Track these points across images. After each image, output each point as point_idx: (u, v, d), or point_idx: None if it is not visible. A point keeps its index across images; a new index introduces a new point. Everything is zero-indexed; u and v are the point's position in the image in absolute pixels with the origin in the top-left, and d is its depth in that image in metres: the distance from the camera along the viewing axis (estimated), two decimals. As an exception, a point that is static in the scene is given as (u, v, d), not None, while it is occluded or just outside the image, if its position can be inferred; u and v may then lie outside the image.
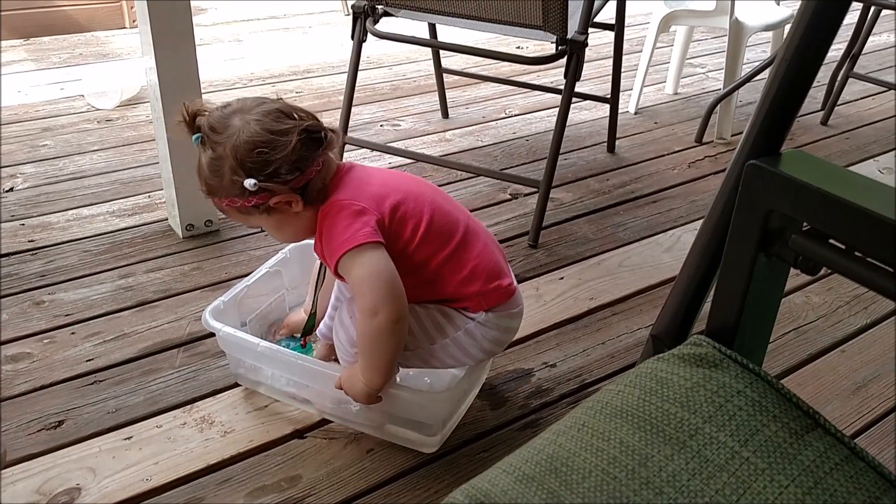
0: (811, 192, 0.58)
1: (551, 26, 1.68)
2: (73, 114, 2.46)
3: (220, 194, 1.12)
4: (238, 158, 1.07)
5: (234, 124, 1.08)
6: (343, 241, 1.08)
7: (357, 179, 1.15)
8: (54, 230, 1.81)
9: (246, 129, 1.07)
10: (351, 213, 1.10)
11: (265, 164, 1.07)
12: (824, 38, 0.64)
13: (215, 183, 1.11)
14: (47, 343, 1.44)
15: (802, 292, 1.69)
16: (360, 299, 1.09)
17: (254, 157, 1.07)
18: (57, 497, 1.13)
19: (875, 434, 1.31)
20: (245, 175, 1.07)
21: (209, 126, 1.10)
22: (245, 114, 1.09)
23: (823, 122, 2.62)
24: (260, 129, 1.07)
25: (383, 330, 1.08)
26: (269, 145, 1.07)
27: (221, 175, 1.09)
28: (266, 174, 1.07)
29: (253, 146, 1.07)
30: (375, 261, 1.08)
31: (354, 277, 1.09)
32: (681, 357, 0.65)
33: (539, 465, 0.60)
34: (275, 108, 1.10)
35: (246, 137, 1.07)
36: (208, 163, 1.11)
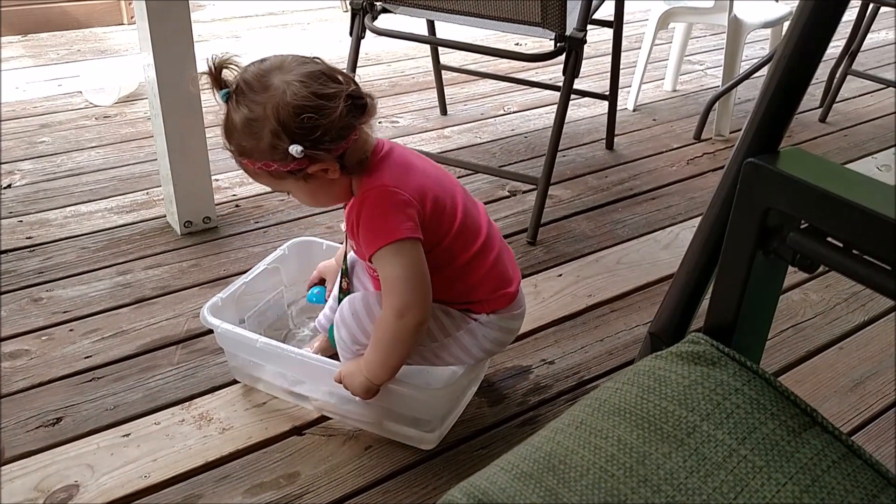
0: (809, 189, 0.58)
1: (550, 23, 1.68)
2: (71, 110, 2.46)
3: (255, 157, 1.05)
4: (282, 122, 1.01)
5: (276, 84, 1.02)
6: (385, 231, 1.05)
7: (400, 165, 1.11)
8: (52, 227, 1.81)
9: (290, 91, 1.01)
10: (396, 203, 1.06)
11: (311, 131, 1.01)
12: (823, 35, 0.64)
13: (250, 145, 1.05)
14: (45, 340, 1.44)
15: (800, 289, 1.70)
16: (392, 297, 1.08)
17: (300, 122, 1.01)
18: (55, 494, 1.13)
19: (873, 431, 1.32)
20: (288, 140, 1.01)
21: (245, 82, 1.04)
22: (286, 73, 1.03)
23: (822, 120, 2.63)
24: (307, 92, 1.01)
25: (406, 332, 1.08)
26: (317, 111, 1.01)
27: (259, 137, 1.03)
28: (311, 140, 1.02)
29: (300, 110, 1.00)
30: (414, 262, 1.07)
31: (390, 274, 1.07)
32: (679, 355, 0.65)
33: (537, 462, 0.60)
34: (318, 69, 1.04)
35: (291, 100, 1.00)
36: (243, 122, 1.04)
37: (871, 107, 2.76)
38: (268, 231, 1.83)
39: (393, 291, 1.08)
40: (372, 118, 1.10)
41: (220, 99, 1.06)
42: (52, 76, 2.74)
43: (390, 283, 1.08)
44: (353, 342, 1.19)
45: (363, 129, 1.09)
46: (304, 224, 1.86)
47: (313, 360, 1.21)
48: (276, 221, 1.87)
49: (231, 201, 1.95)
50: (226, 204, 1.93)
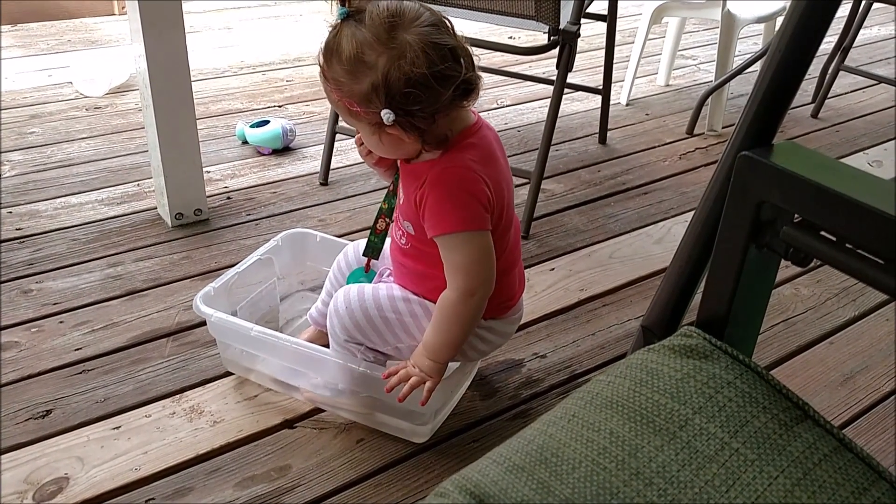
0: (803, 183, 0.58)
1: (544, 16, 1.67)
2: (62, 101, 2.44)
3: (343, 90, 1.01)
4: (388, 83, 0.97)
5: (401, 39, 0.97)
6: (461, 218, 1.04)
7: (487, 153, 1.09)
8: (42, 218, 1.79)
9: (410, 56, 0.96)
10: (476, 191, 1.04)
11: (410, 104, 0.98)
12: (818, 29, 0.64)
13: (346, 80, 1.00)
14: (35, 332, 1.43)
15: (791, 284, 1.70)
16: (462, 279, 1.07)
17: (403, 93, 0.97)
18: (45, 486, 1.12)
19: (862, 425, 1.32)
20: (384, 103, 0.98)
21: (371, 17, 0.98)
22: (416, 30, 0.97)
23: (814, 115, 2.63)
24: (426, 67, 0.96)
25: (474, 309, 1.09)
26: (425, 90, 0.97)
27: (359, 80, 0.99)
28: (405, 111, 0.99)
29: (410, 83, 0.96)
30: (487, 245, 1.06)
31: (462, 256, 1.06)
32: (671, 348, 0.65)
33: (529, 455, 0.60)
34: (448, 44, 0.99)
35: (408, 69, 0.96)
36: (350, 58, 0.98)
37: (864, 103, 2.77)
38: (259, 223, 1.82)
39: (465, 272, 1.07)
40: (473, 101, 1.07)
41: (338, 14, 1.01)
42: (42, 66, 2.72)
43: (459, 266, 1.07)
44: (344, 332, 1.18)
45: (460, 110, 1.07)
46: (296, 216, 1.85)
47: (308, 349, 1.21)
48: (267, 214, 1.86)
49: (223, 193, 1.94)
50: (217, 196, 1.92)
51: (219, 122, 2.35)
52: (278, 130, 2.15)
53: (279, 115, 2.40)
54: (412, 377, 1.13)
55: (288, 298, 1.53)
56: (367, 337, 1.18)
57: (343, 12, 1.00)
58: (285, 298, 1.52)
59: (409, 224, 1.13)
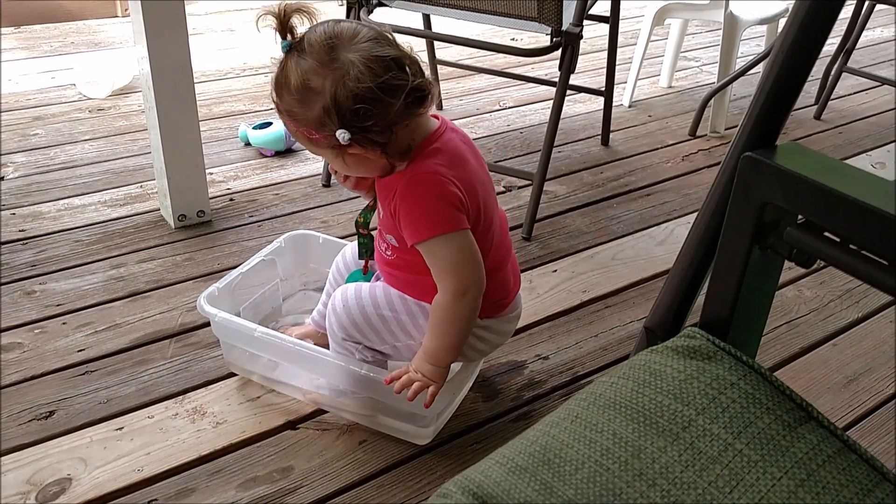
0: (806, 184, 0.58)
1: (546, 18, 1.67)
2: (65, 103, 2.44)
3: (298, 121, 1.03)
4: (337, 103, 0.98)
5: (342, 59, 0.98)
6: (435, 221, 1.04)
7: (455, 155, 1.08)
8: (45, 220, 1.80)
9: (353, 74, 0.97)
10: (446, 194, 1.04)
11: (363, 120, 0.99)
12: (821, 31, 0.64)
13: (299, 109, 1.02)
14: (38, 333, 1.43)
15: (794, 286, 1.70)
16: (451, 279, 1.06)
17: (353, 110, 0.98)
18: (48, 487, 1.13)
19: (866, 427, 1.32)
20: (338, 123, 0.99)
21: (310, 44, 1.00)
22: (356, 48, 0.99)
23: (817, 117, 2.63)
24: (371, 81, 0.97)
25: (468, 308, 1.08)
26: (374, 104, 0.98)
27: (310, 107, 1.00)
28: (359, 128, 0.99)
29: (357, 100, 0.97)
30: (469, 243, 1.06)
31: (445, 259, 1.06)
32: (674, 349, 0.65)
33: (532, 456, 0.60)
34: (389, 55, 1.00)
35: (353, 86, 0.97)
36: (298, 86, 1.00)
37: (867, 104, 2.76)
38: (262, 225, 1.82)
39: (449, 275, 1.06)
40: (430, 108, 1.07)
41: (281, 48, 1.02)
42: (45, 68, 2.73)
43: (445, 268, 1.06)
44: (342, 330, 1.19)
45: (420, 118, 1.07)
46: (298, 218, 1.86)
47: (310, 351, 1.21)
48: (270, 215, 1.86)
49: (225, 195, 1.94)
50: (220, 198, 1.93)
51: (221, 124, 2.35)
52: (281, 132, 2.15)
53: (282, 116, 2.39)
54: (415, 382, 1.12)
55: (290, 299, 1.53)
56: (364, 335, 1.18)
57: (286, 45, 1.02)
58: (288, 299, 1.52)
59: (391, 237, 1.14)
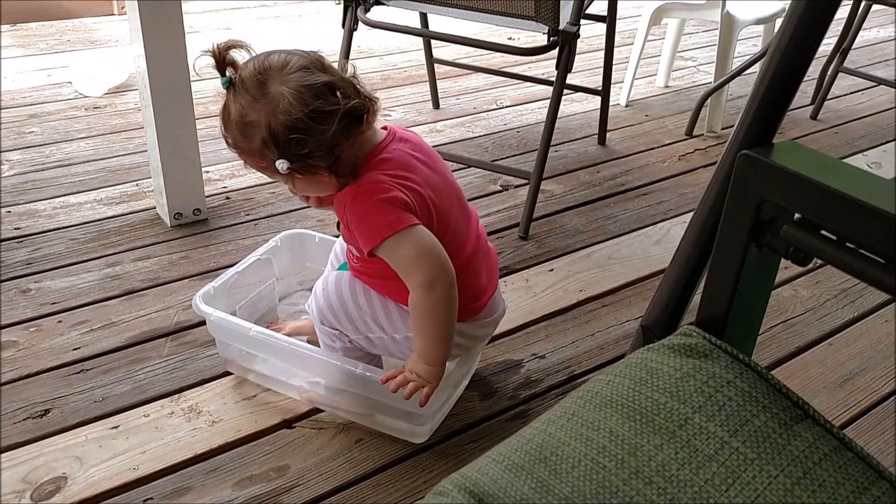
0: (803, 182, 0.58)
1: (543, 17, 1.67)
2: (61, 101, 2.44)
3: (245, 152, 1.07)
4: (272, 134, 1.01)
5: (272, 92, 1.01)
6: (381, 225, 1.04)
7: (400, 164, 1.09)
8: (41, 218, 1.79)
9: (284, 105, 1.00)
10: (388, 198, 1.05)
11: (300, 148, 1.01)
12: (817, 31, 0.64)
13: (243, 144, 1.06)
14: (33, 331, 1.43)
15: (790, 285, 1.70)
16: (415, 275, 1.06)
17: (288, 140, 1.01)
18: (43, 486, 1.12)
19: (861, 426, 1.32)
20: (276, 154, 1.02)
21: (242, 81, 1.04)
22: (285, 79, 1.01)
23: (813, 117, 2.63)
24: (300, 111, 1.00)
25: (442, 299, 1.07)
26: (308, 132, 1.01)
27: (251, 140, 1.04)
28: (299, 155, 1.02)
29: (291, 130, 1.00)
30: (423, 237, 1.06)
31: (403, 257, 1.06)
32: (671, 347, 0.65)
33: (528, 454, 0.60)
34: (320, 81, 1.02)
35: (283, 118, 1.00)
36: (237, 121, 1.04)
37: (863, 104, 2.77)
38: (258, 223, 1.82)
39: (414, 269, 1.06)
40: (371, 125, 1.09)
41: (221, 85, 1.06)
42: (41, 66, 2.72)
43: (408, 264, 1.06)
44: (319, 314, 1.20)
45: (364, 134, 1.08)
46: (295, 217, 1.85)
47: (305, 350, 1.21)
48: (266, 214, 1.86)
49: (221, 193, 1.94)
50: (216, 196, 1.92)
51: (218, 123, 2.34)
52: (277, 131, 2.14)
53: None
54: (410, 382, 1.12)
55: (287, 298, 1.52)
56: (339, 321, 1.19)
57: (225, 81, 1.06)
58: (284, 298, 1.51)
59: (352, 247, 1.17)
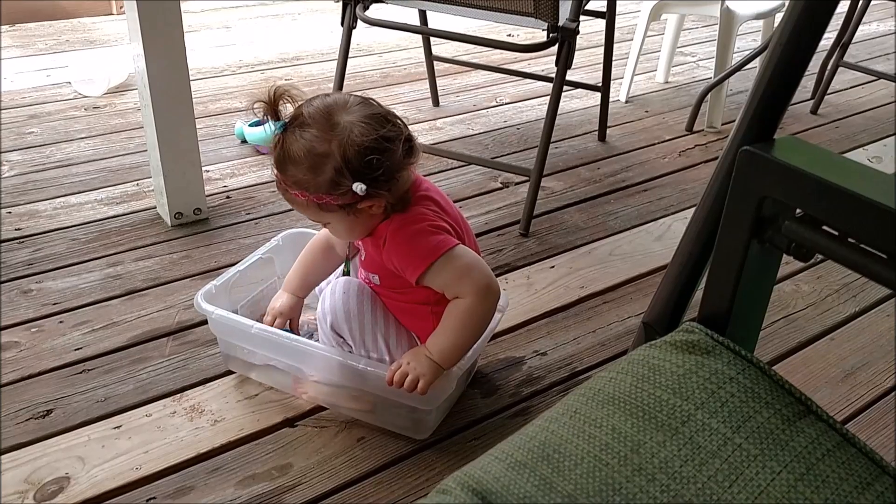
0: (805, 178, 0.58)
1: (542, 13, 1.67)
2: (60, 101, 2.44)
3: (309, 189, 1.08)
4: (347, 160, 1.05)
5: (342, 122, 1.06)
6: (430, 248, 1.10)
7: (438, 197, 1.18)
8: (41, 218, 1.79)
9: (356, 130, 1.05)
10: (435, 225, 1.12)
11: (374, 170, 1.06)
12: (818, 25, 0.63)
13: (307, 177, 1.07)
14: (35, 332, 1.43)
15: (792, 280, 1.70)
16: (469, 284, 1.11)
17: (365, 162, 1.05)
18: (46, 486, 1.12)
19: (864, 421, 1.32)
20: (351, 178, 1.05)
21: (310, 116, 1.08)
22: (350, 112, 1.07)
23: (813, 111, 2.63)
24: (371, 135, 1.05)
25: (489, 310, 1.14)
26: (381, 152, 1.06)
27: (320, 172, 1.06)
28: (371, 179, 1.06)
29: (366, 151, 1.05)
30: (471, 253, 1.14)
31: (456, 270, 1.11)
32: (673, 344, 0.65)
33: (531, 451, 0.60)
34: (379, 112, 1.10)
35: (358, 140, 1.05)
36: (306, 155, 1.06)
37: (863, 98, 2.77)
38: (259, 223, 1.82)
39: (465, 280, 1.11)
40: (418, 159, 1.15)
41: (276, 130, 1.10)
42: (40, 66, 2.72)
43: (458, 278, 1.11)
44: (332, 318, 1.19)
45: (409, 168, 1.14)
46: (295, 215, 1.85)
47: (308, 347, 1.21)
48: (267, 213, 1.86)
49: (222, 192, 1.94)
50: (217, 195, 1.92)
51: (218, 122, 2.34)
52: (277, 129, 2.14)
53: (278, 113, 2.39)
54: (408, 374, 1.13)
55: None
56: (349, 330, 1.19)
57: (281, 126, 1.10)
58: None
59: (375, 276, 1.19)
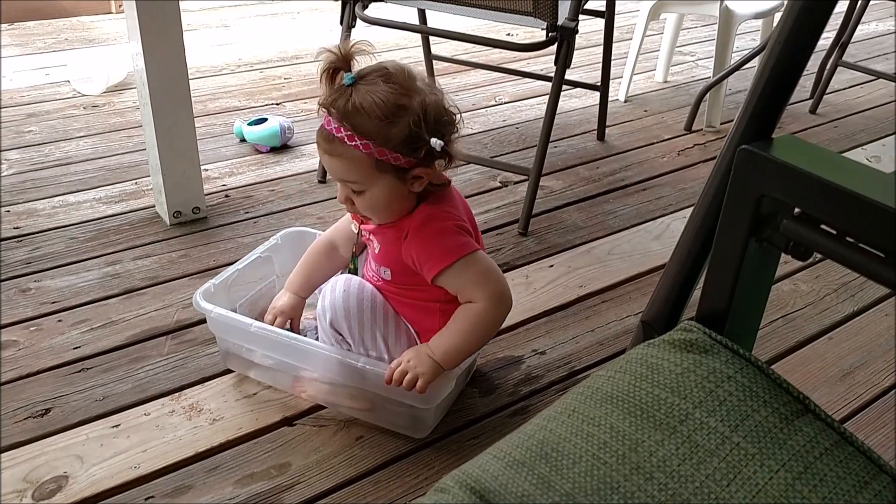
0: (803, 176, 0.58)
1: (542, 13, 1.67)
2: (59, 99, 2.44)
3: (375, 140, 1.06)
4: (426, 116, 1.07)
5: (419, 85, 1.09)
6: (458, 245, 1.12)
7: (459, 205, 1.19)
8: (40, 217, 1.79)
9: (434, 92, 1.10)
10: (460, 225, 1.14)
11: (448, 129, 1.10)
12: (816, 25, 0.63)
13: (379, 127, 1.05)
14: (34, 331, 1.43)
15: (790, 280, 1.70)
16: (485, 289, 1.13)
17: (441, 121, 1.09)
18: (44, 485, 1.12)
19: (862, 420, 1.32)
20: (428, 133, 1.07)
21: (390, 71, 1.09)
22: (422, 82, 1.11)
23: (812, 111, 2.63)
24: (443, 99, 1.11)
25: (499, 317, 1.16)
26: (451, 116, 1.11)
27: (395, 122, 1.06)
28: (444, 138, 1.09)
29: (442, 112, 1.09)
30: (490, 259, 1.16)
31: (475, 274, 1.13)
32: (671, 342, 0.65)
33: (529, 450, 0.60)
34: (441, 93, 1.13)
35: (436, 99, 1.09)
36: (385, 104, 1.05)
37: (862, 98, 2.77)
38: (258, 221, 1.82)
39: (482, 285, 1.13)
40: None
41: (345, 80, 1.09)
42: (39, 65, 2.72)
43: (475, 281, 1.13)
44: (332, 316, 1.19)
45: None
46: (294, 214, 1.85)
47: (307, 345, 1.21)
48: (266, 212, 1.86)
49: (221, 191, 1.94)
50: (215, 194, 1.92)
51: (217, 120, 2.34)
52: (276, 128, 2.14)
53: (277, 112, 2.39)
54: (408, 372, 1.13)
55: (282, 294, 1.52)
56: (349, 328, 1.18)
57: (350, 77, 1.09)
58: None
59: (388, 270, 1.19)
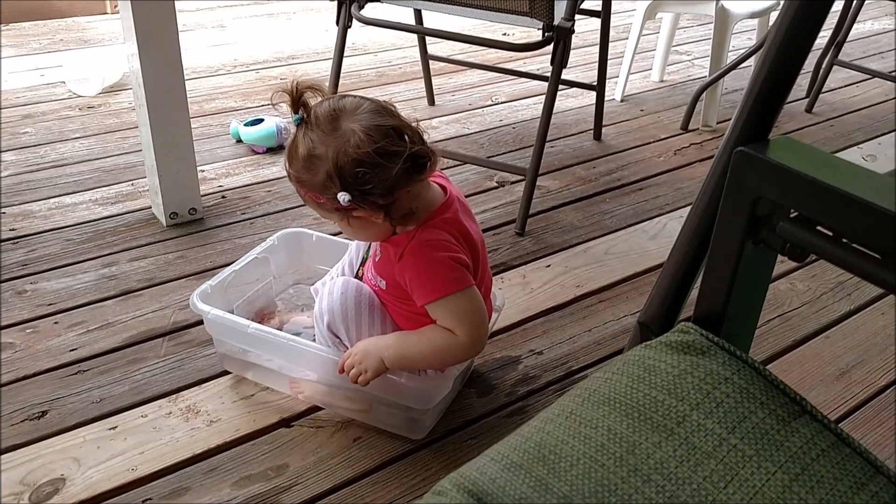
0: (799, 178, 0.58)
1: (538, 12, 1.67)
2: (55, 101, 2.43)
3: (306, 187, 1.09)
4: (338, 167, 1.04)
5: (343, 129, 1.05)
6: (451, 280, 1.09)
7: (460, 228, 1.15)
8: (36, 218, 1.79)
9: (353, 141, 1.04)
10: (456, 258, 1.11)
11: (363, 183, 1.04)
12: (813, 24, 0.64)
13: (306, 176, 1.08)
14: (30, 333, 1.43)
15: (787, 279, 1.70)
16: (464, 328, 1.11)
17: (353, 174, 1.04)
18: (41, 488, 1.12)
19: (858, 419, 1.33)
20: (339, 186, 1.05)
21: (316, 117, 1.07)
22: (357, 119, 1.05)
23: (808, 110, 2.63)
24: (369, 147, 1.03)
25: (465, 356, 1.17)
26: (373, 167, 1.03)
27: (315, 173, 1.07)
28: (360, 191, 1.05)
29: (357, 163, 1.03)
30: (480, 299, 1.13)
31: (461, 311, 1.11)
32: (668, 344, 0.65)
33: (527, 452, 0.60)
34: (389, 125, 1.06)
35: (352, 151, 1.03)
36: (305, 155, 1.07)
37: (858, 97, 2.77)
38: (254, 222, 1.82)
39: (463, 323, 1.11)
40: (432, 174, 1.12)
41: (293, 122, 1.09)
42: (34, 66, 2.71)
43: (458, 319, 1.11)
44: (329, 318, 1.19)
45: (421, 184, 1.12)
46: (291, 215, 1.85)
47: (304, 346, 1.21)
48: (262, 213, 1.86)
49: (217, 192, 1.94)
50: (212, 195, 1.92)
51: (213, 121, 2.34)
52: (272, 129, 2.14)
53: (273, 113, 2.39)
54: (353, 367, 1.15)
55: (284, 297, 1.52)
56: (346, 330, 1.19)
57: (297, 119, 1.09)
58: (281, 297, 1.51)
59: (383, 281, 1.18)
